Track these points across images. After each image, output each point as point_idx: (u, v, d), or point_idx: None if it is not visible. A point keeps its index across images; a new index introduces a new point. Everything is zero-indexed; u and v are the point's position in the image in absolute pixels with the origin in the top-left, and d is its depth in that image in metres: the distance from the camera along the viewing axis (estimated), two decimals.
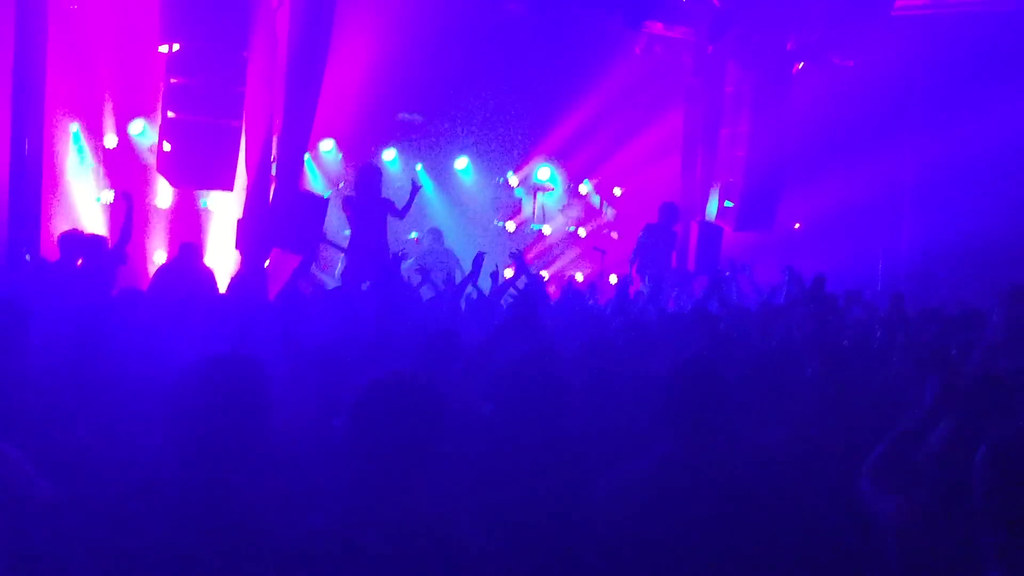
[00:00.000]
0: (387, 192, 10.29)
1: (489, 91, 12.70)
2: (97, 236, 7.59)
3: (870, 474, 2.85)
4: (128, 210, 7.44)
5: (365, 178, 9.84)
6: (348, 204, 9.83)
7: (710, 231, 11.88)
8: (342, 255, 10.08)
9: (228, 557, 2.08)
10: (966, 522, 2.24)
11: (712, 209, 12.11)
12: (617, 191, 14.29)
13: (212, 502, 2.19)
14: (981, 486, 2.19)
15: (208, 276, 7.98)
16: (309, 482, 2.60)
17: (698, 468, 2.85)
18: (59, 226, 8.90)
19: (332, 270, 11.31)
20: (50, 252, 8.11)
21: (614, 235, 14.05)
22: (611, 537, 2.83)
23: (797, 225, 13.27)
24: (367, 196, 9.73)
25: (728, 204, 11.97)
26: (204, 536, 2.13)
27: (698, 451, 2.88)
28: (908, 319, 5.60)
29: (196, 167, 8.66)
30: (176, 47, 8.50)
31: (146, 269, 10.12)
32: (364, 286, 8.19)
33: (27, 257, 7.79)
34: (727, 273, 9.84)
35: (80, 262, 6.97)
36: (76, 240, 7.17)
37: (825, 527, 2.90)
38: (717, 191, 12.07)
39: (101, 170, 10.92)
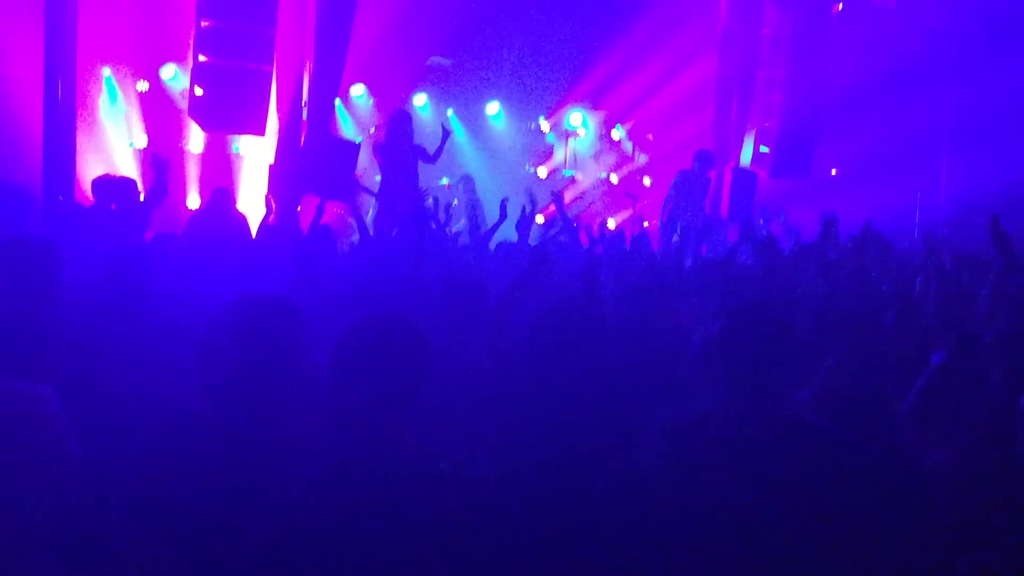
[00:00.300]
0: (418, 138, 10.24)
1: (521, 35, 12.54)
2: (130, 180, 7.59)
3: (910, 422, 2.80)
4: (158, 173, 7.28)
5: (395, 124, 9.79)
6: (378, 150, 9.80)
7: (744, 177, 11.70)
8: (373, 201, 10.07)
9: (255, 497, 2.10)
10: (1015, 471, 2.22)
11: (747, 155, 11.91)
12: (650, 136, 14.10)
13: (243, 443, 2.21)
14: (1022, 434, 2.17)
15: (241, 221, 8.00)
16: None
17: (753, 415, 2.79)
18: (93, 171, 8.95)
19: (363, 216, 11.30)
20: (84, 197, 8.16)
21: (647, 181, 13.90)
22: (657, 486, 2.80)
23: (834, 171, 13.05)
24: (397, 142, 9.68)
25: (763, 150, 11.76)
26: (233, 475, 2.15)
27: (754, 398, 2.81)
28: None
29: (227, 111, 8.65)
30: None
31: (180, 214, 10.17)
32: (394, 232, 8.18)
33: (60, 199, 7.84)
34: (760, 221, 9.72)
35: (114, 207, 7.00)
36: (110, 184, 7.19)
37: (880, 476, 2.85)
38: (752, 136, 11.85)
39: (134, 115, 10.95)
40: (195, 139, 10.92)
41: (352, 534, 2.13)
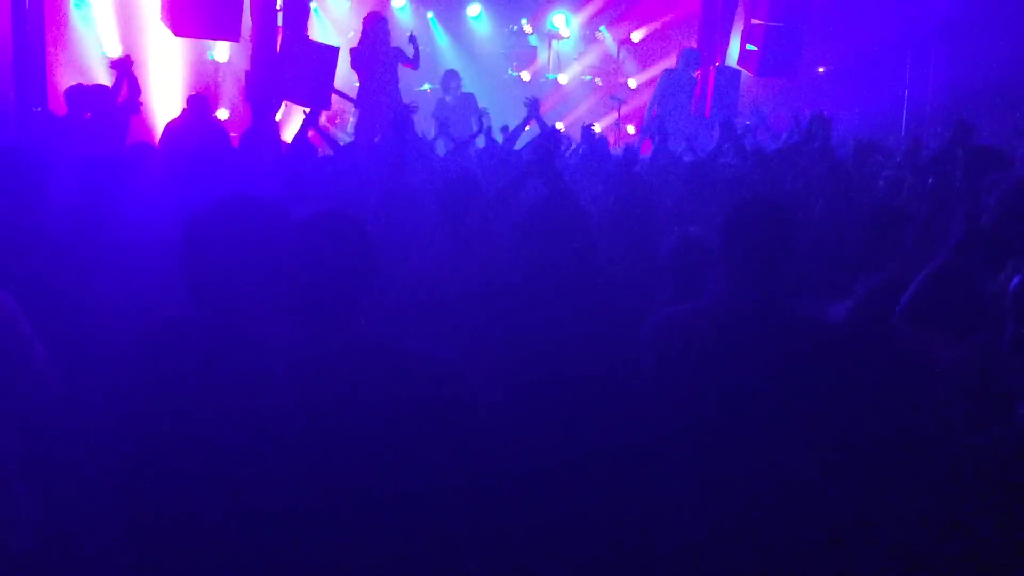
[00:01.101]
0: (397, 42, 10.01)
1: None
2: (104, 87, 7.43)
3: (908, 318, 2.77)
4: (125, 77, 7.09)
5: (369, 28, 9.56)
6: (355, 56, 9.59)
7: (728, 76, 11.50)
8: (354, 108, 9.90)
9: (234, 398, 2.11)
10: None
11: (733, 53, 11.71)
12: (636, 36, 13.83)
13: (226, 343, 2.20)
14: (1014, 316, 2.19)
15: (219, 130, 7.86)
16: None
17: (754, 311, 2.76)
18: (65, 80, 8.75)
19: (344, 125, 11.14)
20: (57, 107, 8.00)
21: (632, 83, 13.70)
22: (651, 381, 2.79)
23: (821, 69, 12.88)
24: (373, 46, 9.47)
25: (751, 48, 11.55)
26: (215, 375, 2.15)
27: (756, 293, 2.77)
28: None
29: (200, 16, 8.42)
30: None
31: (156, 123, 9.99)
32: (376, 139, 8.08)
33: (38, 109, 7.68)
34: (748, 122, 9.62)
35: (88, 115, 6.87)
36: (83, 93, 7.04)
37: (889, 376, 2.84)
38: (739, 34, 11.63)
39: (105, 22, 10.66)
40: (169, 46, 10.64)
41: (317, 429, 2.18)
